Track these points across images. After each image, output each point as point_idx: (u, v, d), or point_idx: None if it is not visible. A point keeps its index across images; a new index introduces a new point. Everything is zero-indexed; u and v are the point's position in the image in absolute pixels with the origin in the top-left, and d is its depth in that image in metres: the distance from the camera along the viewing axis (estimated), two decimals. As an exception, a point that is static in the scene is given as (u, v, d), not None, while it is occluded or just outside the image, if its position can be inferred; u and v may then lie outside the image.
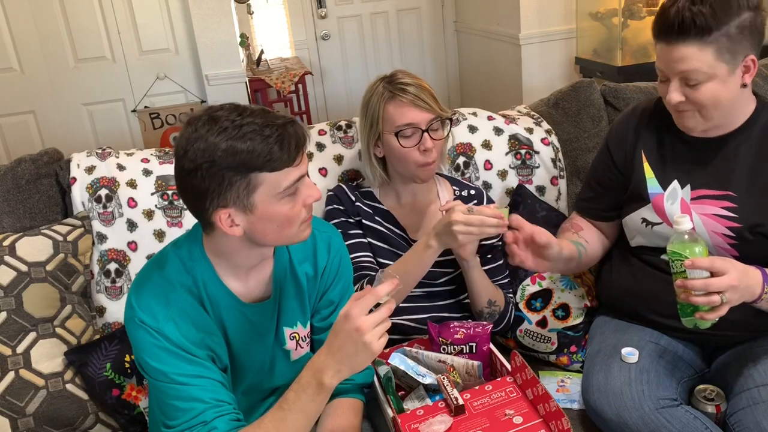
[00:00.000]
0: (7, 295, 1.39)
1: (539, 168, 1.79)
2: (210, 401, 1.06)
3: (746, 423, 1.20)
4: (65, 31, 3.34)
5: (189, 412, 1.05)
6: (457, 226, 1.28)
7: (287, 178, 1.02)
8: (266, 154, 0.99)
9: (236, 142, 0.98)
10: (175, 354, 1.07)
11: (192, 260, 1.13)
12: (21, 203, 1.56)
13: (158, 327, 1.07)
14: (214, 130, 0.98)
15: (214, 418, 1.05)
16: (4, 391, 1.34)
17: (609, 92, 1.90)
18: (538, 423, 1.16)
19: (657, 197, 1.41)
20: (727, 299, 1.13)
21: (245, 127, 0.99)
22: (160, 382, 1.07)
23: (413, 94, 1.42)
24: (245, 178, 1.00)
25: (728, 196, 1.33)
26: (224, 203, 1.01)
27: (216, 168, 0.98)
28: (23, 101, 3.38)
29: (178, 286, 1.11)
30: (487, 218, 1.27)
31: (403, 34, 4.63)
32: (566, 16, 3.50)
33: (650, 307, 1.42)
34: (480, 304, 1.49)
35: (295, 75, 3.79)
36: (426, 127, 1.42)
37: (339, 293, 1.28)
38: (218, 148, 0.97)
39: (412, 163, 1.44)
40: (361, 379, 1.28)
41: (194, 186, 1.01)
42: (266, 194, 1.02)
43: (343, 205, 1.54)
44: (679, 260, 1.15)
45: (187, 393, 1.06)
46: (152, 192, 1.62)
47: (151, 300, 1.08)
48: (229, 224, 1.03)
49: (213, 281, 1.13)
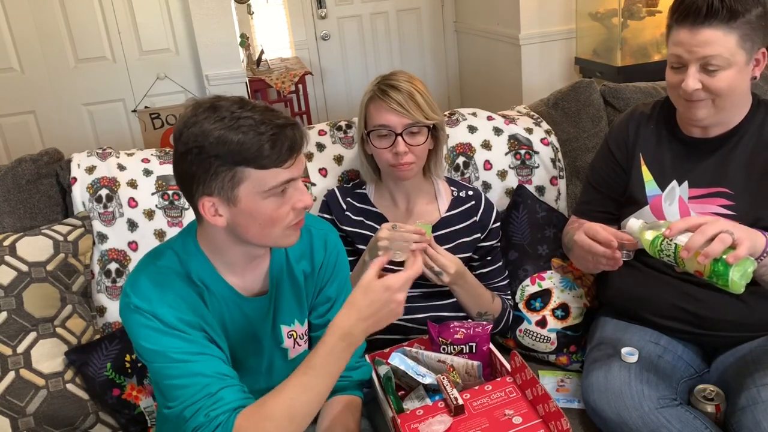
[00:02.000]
0: (7, 294, 1.39)
1: (539, 168, 1.79)
2: (213, 374, 1.04)
3: (746, 423, 1.19)
4: (65, 31, 3.34)
5: (192, 387, 1.03)
6: (381, 242, 1.34)
7: (274, 179, 1.01)
8: (255, 151, 0.98)
9: (229, 133, 0.98)
10: (171, 334, 1.05)
11: (186, 254, 1.13)
12: (21, 203, 1.56)
13: (152, 309, 1.06)
14: (212, 118, 0.99)
15: (219, 389, 1.03)
16: (4, 391, 1.35)
17: (609, 92, 1.90)
18: (538, 423, 1.16)
19: (655, 199, 1.42)
20: (735, 235, 1.06)
21: (242, 120, 0.99)
22: (157, 363, 1.05)
23: (393, 98, 1.42)
24: (231, 170, 0.99)
25: (725, 194, 1.34)
26: (209, 191, 1.02)
27: (204, 155, 0.99)
28: (23, 101, 3.38)
29: (173, 275, 1.10)
30: (407, 234, 1.32)
31: (403, 34, 4.63)
32: (566, 17, 3.50)
33: (650, 308, 1.42)
34: (469, 315, 1.51)
35: (295, 75, 3.79)
36: (401, 131, 1.43)
37: (336, 290, 1.28)
38: (210, 136, 0.98)
39: (385, 162, 1.47)
40: (359, 376, 1.29)
41: (183, 169, 1.02)
42: (251, 190, 1.01)
43: (332, 214, 1.55)
44: (667, 249, 1.11)
45: (188, 369, 1.04)
46: (153, 192, 1.62)
47: (146, 286, 1.08)
48: (212, 213, 1.04)
49: (210, 274, 1.13)
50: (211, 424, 1.00)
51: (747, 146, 1.35)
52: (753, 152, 1.35)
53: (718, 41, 1.23)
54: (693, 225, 1.09)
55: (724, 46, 1.23)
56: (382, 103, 1.43)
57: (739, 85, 1.28)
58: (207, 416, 1.00)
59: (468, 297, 1.46)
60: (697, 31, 1.24)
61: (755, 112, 1.37)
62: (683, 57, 1.28)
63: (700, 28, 1.24)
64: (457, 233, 1.54)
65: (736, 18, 1.22)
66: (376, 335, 1.50)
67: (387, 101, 1.42)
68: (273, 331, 1.22)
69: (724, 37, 1.23)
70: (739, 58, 1.25)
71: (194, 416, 1.01)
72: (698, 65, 1.26)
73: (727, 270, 1.04)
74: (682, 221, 1.11)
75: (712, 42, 1.23)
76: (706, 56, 1.24)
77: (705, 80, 1.27)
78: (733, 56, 1.24)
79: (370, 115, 1.47)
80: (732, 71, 1.26)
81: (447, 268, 1.38)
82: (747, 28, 1.24)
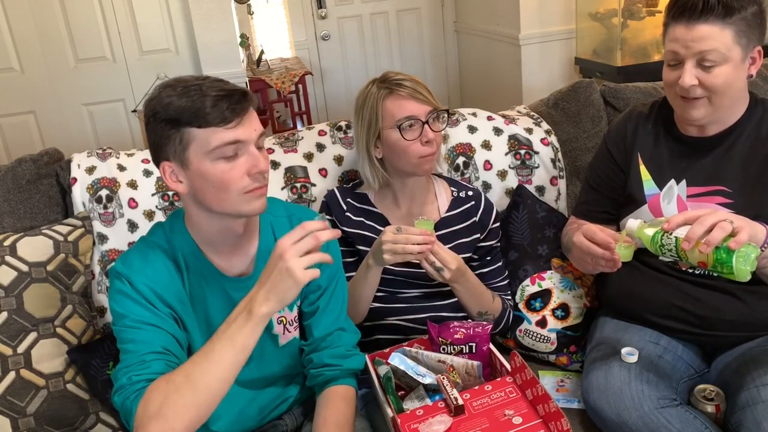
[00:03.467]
0: (7, 295, 1.39)
1: (539, 168, 1.79)
2: (157, 347, 1.08)
3: (746, 423, 1.19)
4: (65, 31, 3.34)
5: (134, 354, 1.07)
6: (384, 245, 1.32)
7: (217, 138, 1.05)
8: (196, 110, 1.03)
9: (178, 99, 1.04)
10: (137, 301, 1.11)
11: (172, 231, 1.19)
12: (21, 203, 1.56)
13: (129, 274, 1.12)
14: (168, 90, 1.06)
15: (153, 360, 1.06)
16: (4, 391, 1.35)
17: (609, 92, 1.90)
18: (538, 423, 1.16)
19: (653, 198, 1.42)
20: (735, 224, 1.06)
21: (191, 88, 1.05)
22: (117, 326, 1.11)
23: (410, 87, 1.43)
24: (179, 132, 1.05)
25: (723, 192, 1.34)
26: (166, 156, 1.08)
27: (156, 121, 1.06)
28: (23, 101, 3.38)
29: (158, 250, 1.17)
30: (412, 236, 1.32)
31: (403, 34, 4.63)
32: (566, 17, 3.50)
33: (649, 308, 1.42)
34: (470, 315, 1.50)
35: (295, 75, 3.80)
36: (426, 119, 1.43)
37: (327, 278, 1.28)
38: (161, 103, 1.05)
39: (414, 155, 1.44)
40: (350, 365, 1.28)
41: (148, 140, 1.10)
42: (198, 151, 1.06)
43: (332, 214, 1.55)
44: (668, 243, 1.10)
45: (139, 336, 1.09)
46: (153, 193, 1.62)
47: (133, 256, 1.16)
48: (173, 179, 1.10)
49: (193, 251, 1.18)
50: (132, 387, 1.03)
51: (745, 144, 1.36)
52: (751, 150, 1.35)
53: (714, 36, 1.24)
54: (691, 217, 1.08)
55: (720, 41, 1.24)
56: (402, 95, 1.43)
57: (735, 82, 1.29)
58: (130, 379, 1.04)
59: (469, 295, 1.46)
60: (693, 26, 1.25)
61: (753, 110, 1.37)
62: (679, 53, 1.29)
63: (696, 23, 1.25)
64: (457, 233, 1.54)
65: (731, 14, 1.24)
66: (376, 335, 1.52)
67: (407, 92, 1.43)
68: None
69: (720, 32, 1.24)
70: (735, 54, 1.26)
71: (121, 378, 1.05)
72: (694, 60, 1.27)
73: (731, 257, 1.03)
74: (680, 215, 1.10)
75: (708, 37, 1.24)
76: (702, 51, 1.25)
77: (701, 76, 1.27)
78: (729, 51, 1.25)
79: (389, 112, 1.44)
80: (728, 67, 1.26)
81: (448, 263, 1.36)
82: (742, 25, 1.25)
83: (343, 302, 1.33)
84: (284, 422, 1.34)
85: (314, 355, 1.28)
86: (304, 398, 1.38)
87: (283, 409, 1.34)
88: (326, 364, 1.27)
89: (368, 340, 1.51)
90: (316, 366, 1.27)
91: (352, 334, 1.32)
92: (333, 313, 1.29)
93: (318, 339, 1.28)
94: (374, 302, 1.49)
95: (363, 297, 1.45)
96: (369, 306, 1.48)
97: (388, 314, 1.51)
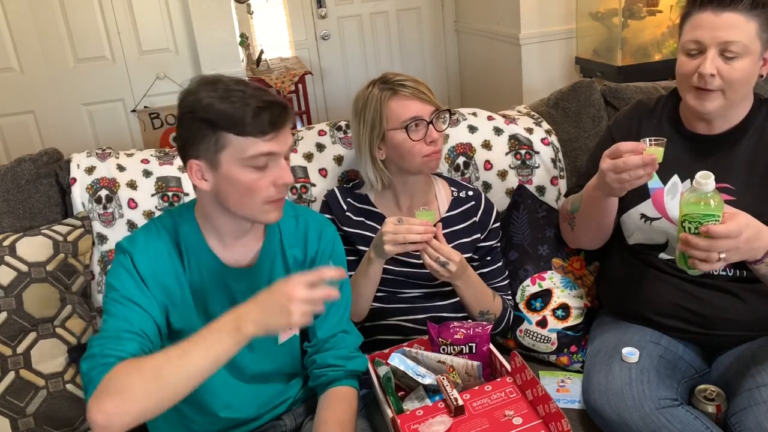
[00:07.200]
0: (7, 295, 1.39)
1: (539, 168, 1.79)
2: (137, 329, 1.09)
3: (747, 423, 1.20)
4: (65, 31, 3.34)
5: (113, 329, 1.09)
6: (385, 235, 1.32)
7: (253, 148, 1.07)
8: (238, 118, 1.05)
9: (219, 102, 1.06)
10: (132, 277, 1.14)
11: (181, 218, 1.22)
12: (21, 203, 1.56)
13: (131, 250, 1.16)
14: (208, 89, 1.08)
15: (129, 339, 1.07)
16: (4, 391, 1.35)
17: (609, 92, 1.90)
18: (538, 424, 1.16)
19: (657, 192, 1.42)
20: (725, 258, 1.13)
21: (234, 93, 1.07)
22: (107, 297, 1.13)
23: (413, 87, 1.44)
24: (215, 135, 1.07)
25: (727, 189, 1.34)
26: (196, 154, 1.10)
27: (195, 119, 1.07)
28: (23, 101, 3.37)
29: (164, 232, 1.20)
30: (413, 226, 1.31)
31: (403, 34, 4.63)
32: (566, 16, 3.50)
33: (650, 307, 1.42)
34: (471, 315, 1.50)
35: (295, 75, 3.80)
36: (430, 119, 1.43)
37: None
38: (201, 103, 1.06)
39: (419, 155, 1.44)
40: (353, 366, 1.29)
41: (179, 133, 1.12)
42: (231, 156, 1.08)
43: (332, 214, 1.55)
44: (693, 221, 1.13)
45: (122, 312, 1.11)
46: (152, 193, 1.62)
47: (139, 235, 1.20)
48: (199, 176, 1.11)
49: (196, 239, 1.20)
50: (103, 359, 1.03)
51: (749, 143, 1.36)
52: (755, 150, 1.36)
53: (740, 26, 1.25)
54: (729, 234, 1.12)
55: (745, 33, 1.25)
56: (406, 95, 1.43)
57: (750, 79, 1.30)
58: (102, 351, 1.04)
59: (471, 294, 1.46)
60: (721, 14, 1.26)
61: (757, 110, 1.38)
62: (704, 41, 1.28)
63: (724, 11, 1.26)
64: (457, 233, 1.53)
65: (757, 6, 1.25)
66: (376, 335, 1.52)
67: (411, 92, 1.43)
68: None
69: (746, 23, 1.25)
70: (755, 48, 1.27)
71: (94, 347, 1.06)
72: (717, 50, 1.27)
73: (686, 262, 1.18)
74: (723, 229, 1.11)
75: (735, 26, 1.25)
76: (727, 41, 1.26)
77: (721, 67, 1.28)
78: (752, 44, 1.26)
79: (393, 113, 1.43)
80: (747, 61, 1.27)
81: (452, 256, 1.34)
82: (765, 18, 1.26)
83: (347, 305, 1.34)
84: (283, 422, 1.34)
85: (318, 356, 1.29)
86: (306, 397, 1.38)
87: (283, 409, 1.34)
88: (330, 365, 1.27)
89: (368, 341, 1.51)
90: (320, 366, 1.28)
91: (355, 336, 1.33)
92: (337, 315, 1.30)
93: (322, 340, 1.29)
94: (374, 302, 1.49)
95: (364, 293, 1.45)
96: (369, 305, 1.48)
97: (389, 314, 1.51)
